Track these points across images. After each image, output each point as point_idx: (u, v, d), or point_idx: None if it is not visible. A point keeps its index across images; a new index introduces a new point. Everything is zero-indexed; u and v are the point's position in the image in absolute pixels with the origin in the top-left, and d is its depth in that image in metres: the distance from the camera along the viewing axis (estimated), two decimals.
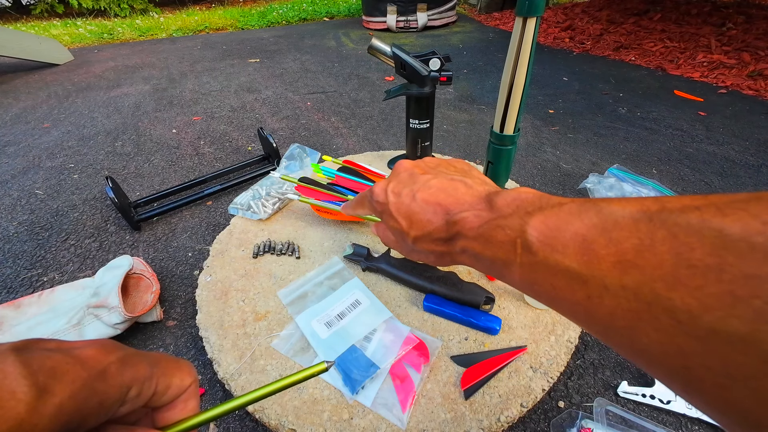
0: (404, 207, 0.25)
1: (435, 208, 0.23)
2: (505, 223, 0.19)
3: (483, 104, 1.58)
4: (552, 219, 0.17)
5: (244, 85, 1.91)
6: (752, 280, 0.10)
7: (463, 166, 0.28)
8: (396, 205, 0.25)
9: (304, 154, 1.01)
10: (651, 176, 1.04)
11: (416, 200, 0.24)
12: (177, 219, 0.94)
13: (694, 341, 0.11)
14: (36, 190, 1.10)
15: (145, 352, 0.19)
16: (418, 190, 0.24)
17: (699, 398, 0.11)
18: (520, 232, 0.18)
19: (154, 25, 3.73)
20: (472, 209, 0.22)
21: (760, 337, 0.09)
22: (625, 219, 0.14)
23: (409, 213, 0.24)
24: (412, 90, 0.78)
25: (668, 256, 0.12)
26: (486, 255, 0.20)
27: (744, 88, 1.59)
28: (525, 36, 0.57)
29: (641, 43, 2.16)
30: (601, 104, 1.52)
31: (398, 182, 0.26)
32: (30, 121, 1.59)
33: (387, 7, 2.91)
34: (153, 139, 1.37)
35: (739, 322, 0.10)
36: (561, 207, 0.18)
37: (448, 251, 0.23)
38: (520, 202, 0.20)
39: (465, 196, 0.23)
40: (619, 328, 0.13)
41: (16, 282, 0.78)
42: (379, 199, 0.27)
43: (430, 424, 0.45)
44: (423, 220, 0.23)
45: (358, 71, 2.05)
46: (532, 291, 0.18)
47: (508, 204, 0.20)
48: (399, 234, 0.26)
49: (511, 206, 0.20)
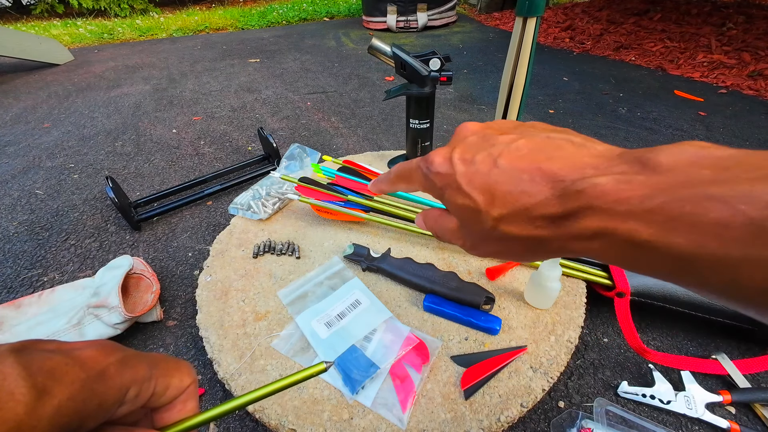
0: (481, 176, 0.18)
1: (533, 175, 0.16)
2: (724, 192, 0.11)
3: (483, 104, 1.58)
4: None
5: (244, 85, 1.91)
6: None
7: (549, 126, 0.20)
8: (468, 176, 0.18)
9: (304, 154, 1.01)
10: None
11: (499, 166, 0.17)
12: (177, 219, 0.94)
13: None
14: (36, 190, 1.10)
15: (143, 353, 0.19)
16: (500, 154, 0.17)
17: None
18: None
19: (155, 25, 3.73)
20: (608, 173, 0.14)
21: None
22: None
23: (490, 184, 0.17)
24: (412, 90, 0.78)
25: None
26: (667, 244, 0.13)
27: (744, 88, 1.59)
28: (525, 36, 0.57)
29: (641, 43, 2.16)
30: (602, 104, 1.52)
31: (467, 146, 0.19)
32: (30, 121, 1.59)
33: (387, 7, 2.91)
34: (153, 139, 1.37)
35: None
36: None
37: (557, 235, 0.16)
38: (715, 160, 0.12)
39: (582, 157, 0.16)
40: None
41: (17, 282, 0.78)
42: (441, 169, 0.19)
43: (430, 424, 0.45)
44: (514, 192, 0.17)
45: (358, 71, 2.05)
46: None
47: (692, 164, 0.13)
48: (470, 216, 0.18)
49: (702, 166, 0.12)
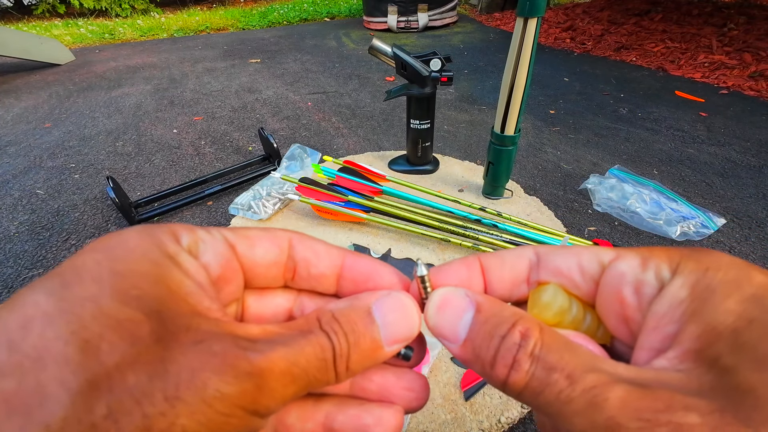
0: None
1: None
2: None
3: (484, 105, 1.58)
4: None
5: (244, 85, 1.91)
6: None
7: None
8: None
9: (304, 154, 1.01)
10: (652, 177, 1.03)
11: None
12: (178, 219, 0.94)
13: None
14: (37, 190, 1.10)
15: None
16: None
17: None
18: None
19: (155, 25, 3.73)
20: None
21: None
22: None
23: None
24: (412, 90, 0.78)
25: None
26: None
27: (745, 88, 1.59)
28: (526, 36, 0.57)
29: (642, 43, 2.16)
30: (602, 105, 1.52)
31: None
32: (31, 120, 1.59)
33: (388, 7, 2.91)
34: (154, 139, 1.37)
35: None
36: None
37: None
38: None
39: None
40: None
41: (17, 282, 0.78)
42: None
43: (430, 425, 0.45)
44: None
45: (358, 71, 2.05)
46: None
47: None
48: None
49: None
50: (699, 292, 0.12)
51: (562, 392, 0.11)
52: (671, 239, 0.84)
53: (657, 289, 0.13)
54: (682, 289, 0.12)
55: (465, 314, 0.13)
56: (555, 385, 0.11)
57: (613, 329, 0.14)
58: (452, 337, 0.13)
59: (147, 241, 0.12)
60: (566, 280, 0.14)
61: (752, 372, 0.10)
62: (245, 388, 0.11)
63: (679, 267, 0.12)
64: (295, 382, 0.12)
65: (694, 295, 0.12)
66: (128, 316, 0.10)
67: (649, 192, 0.93)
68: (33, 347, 0.09)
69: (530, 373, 0.11)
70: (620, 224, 0.89)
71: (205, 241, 0.14)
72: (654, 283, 0.13)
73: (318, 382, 0.12)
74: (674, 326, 0.12)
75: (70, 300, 0.10)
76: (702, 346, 0.11)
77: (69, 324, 0.10)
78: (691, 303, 0.12)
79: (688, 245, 0.84)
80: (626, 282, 0.13)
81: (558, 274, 0.14)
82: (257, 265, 0.15)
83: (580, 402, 0.10)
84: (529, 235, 0.68)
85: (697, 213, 0.88)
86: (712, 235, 0.85)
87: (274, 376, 0.11)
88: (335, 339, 0.12)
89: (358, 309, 0.13)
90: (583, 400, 0.10)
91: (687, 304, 0.12)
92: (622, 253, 0.14)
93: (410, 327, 0.14)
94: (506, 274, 0.15)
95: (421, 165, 0.93)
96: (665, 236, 0.84)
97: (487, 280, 0.15)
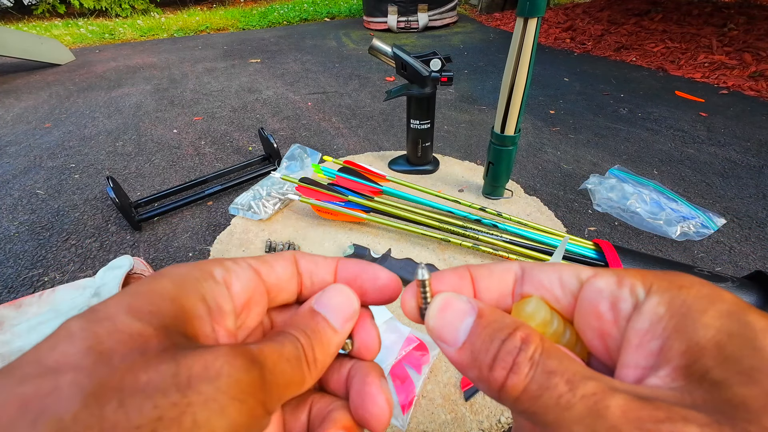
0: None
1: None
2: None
3: (484, 105, 1.58)
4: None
5: (245, 85, 1.91)
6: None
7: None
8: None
9: (304, 154, 1.01)
10: (652, 177, 1.03)
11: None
12: (178, 219, 0.94)
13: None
14: (37, 190, 1.10)
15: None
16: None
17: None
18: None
19: (156, 25, 3.73)
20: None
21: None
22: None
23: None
24: (412, 90, 0.78)
25: None
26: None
27: (745, 88, 1.59)
28: (526, 37, 0.57)
29: (642, 43, 2.16)
30: (602, 105, 1.52)
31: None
32: (31, 121, 1.60)
33: (388, 7, 2.92)
34: (154, 139, 1.37)
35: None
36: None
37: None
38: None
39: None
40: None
41: (17, 282, 0.78)
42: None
43: (430, 425, 0.45)
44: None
45: (358, 72, 2.05)
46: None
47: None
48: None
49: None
50: (676, 308, 0.12)
51: (561, 397, 0.11)
52: (671, 239, 0.84)
53: (632, 306, 0.13)
54: (659, 306, 0.12)
55: (466, 318, 0.13)
56: (555, 389, 0.11)
57: (589, 344, 0.14)
58: (451, 339, 0.14)
59: (178, 270, 0.14)
60: (548, 293, 0.15)
61: (741, 386, 0.10)
62: (254, 375, 0.11)
63: (653, 286, 0.13)
64: (285, 374, 0.13)
65: (672, 311, 0.12)
66: (138, 329, 0.11)
67: (649, 192, 0.93)
68: (54, 361, 0.10)
69: (529, 377, 0.11)
70: (620, 224, 0.89)
71: (235, 272, 0.15)
72: (629, 300, 0.13)
73: (301, 380, 0.14)
74: (657, 342, 0.12)
75: (93, 320, 0.11)
76: (688, 361, 0.11)
77: (86, 340, 0.11)
78: (670, 319, 0.12)
79: (689, 245, 0.83)
80: (603, 297, 0.13)
81: (540, 287, 0.15)
82: (278, 283, 0.17)
83: (580, 408, 0.10)
84: (529, 235, 0.68)
85: (697, 213, 0.88)
86: (712, 235, 0.85)
87: (271, 362, 0.12)
88: (299, 336, 0.14)
89: (305, 307, 0.16)
90: (584, 407, 0.10)
91: (667, 320, 0.12)
92: (599, 271, 0.14)
93: (350, 304, 0.16)
94: (494, 286, 0.16)
95: (421, 165, 0.93)
96: (665, 236, 0.84)
97: (477, 289, 0.16)
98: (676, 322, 0.12)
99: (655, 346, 0.12)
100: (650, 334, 0.12)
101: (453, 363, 0.14)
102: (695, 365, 0.11)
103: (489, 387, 0.12)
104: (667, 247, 0.83)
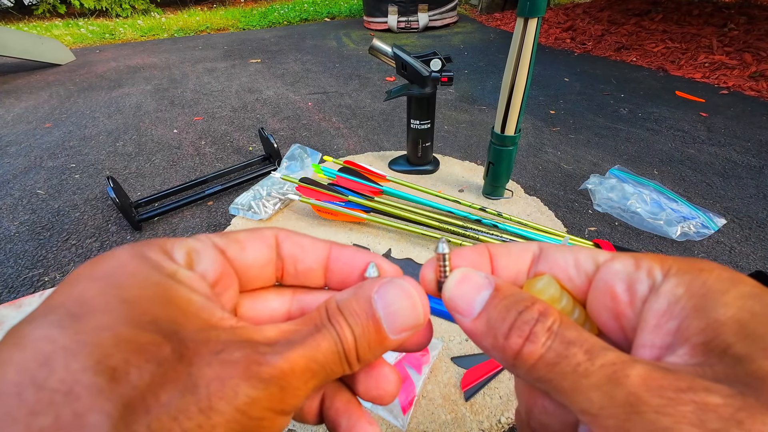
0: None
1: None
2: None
3: (484, 105, 1.58)
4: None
5: (245, 85, 1.91)
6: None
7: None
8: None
9: (304, 154, 1.01)
10: (652, 177, 1.03)
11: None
12: (178, 219, 0.94)
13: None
14: (37, 190, 1.10)
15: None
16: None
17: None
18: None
19: (156, 25, 3.74)
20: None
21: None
22: None
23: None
24: (413, 90, 0.78)
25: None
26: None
27: (746, 88, 1.59)
28: (526, 37, 0.57)
29: (642, 43, 2.16)
30: (602, 105, 1.52)
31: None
32: (32, 121, 1.60)
33: (388, 7, 2.92)
34: (154, 139, 1.38)
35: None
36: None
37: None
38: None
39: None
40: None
41: (18, 281, 0.78)
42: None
43: (430, 425, 0.45)
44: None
45: (359, 72, 2.05)
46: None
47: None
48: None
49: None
50: (696, 290, 0.12)
51: (580, 365, 0.11)
52: (671, 239, 0.84)
53: (649, 288, 0.13)
54: (678, 288, 0.12)
55: (483, 291, 0.13)
56: (573, 357, 0.11)
57: (602, 325, 0.14)
58: (467, 310, 0.13)
59: (144, 263, 0.12)
60: (561, 273, 0.15)
61: (766, 360, 0.10)
62: (272, 391, 0.11)
63: (671, 270, 0.13)
64: (315, 377, 0.12)
65: (691, 292, 0.12)
66: (148, 339, 0.10)
67: (649, 192, 0.93)
68: (61, 381, 0.09)
69: (546, 346, 0.11)
70: (620, 224, 0.89)
71: (198, 251, 0.14)
72: (646, 282, 0.13)
73: (334, 374, 0.13)
74: (675, 322, 0.12)
75: (87, 331, 0.10)
76: (708, 338, 0.11)
77: (92, 354, 0.10)
78: (689, 299, 0.12)
79: (689, 245, 0.83)
80: (619, 279, 0.13)
81: (555, 267, 0.15)
82: (250, 268, 0.15)
83: (598, 376, 0.10)
84: (529, 235, 0.68)
85: (697, 213, 0.88)
86: (712, 236, 0.85)
87: (295, 375, 0.11)
88: (342, 332, 0.13)
89: (360, 299, 0.13)
90: (603, 374, 0.10)
91: (686, 300, 0.12)
92: (617, 255, 0.14)
93: (415, 315, 0.14)
94: (512, 264, 0.16)
95: (421, 165, 0.93)
96: (665, 236, 0.84)
97: (495, 267, 0.16)
98: (695, 302, 0.11)
99: (673, 325, 0.12)
100: (668, 314, 0.12)
101: (467, 332, 0.14)
102: (715, 341, 0.11)
103: (504, 355, 0.12)
104: (667, 248, 0.83)
